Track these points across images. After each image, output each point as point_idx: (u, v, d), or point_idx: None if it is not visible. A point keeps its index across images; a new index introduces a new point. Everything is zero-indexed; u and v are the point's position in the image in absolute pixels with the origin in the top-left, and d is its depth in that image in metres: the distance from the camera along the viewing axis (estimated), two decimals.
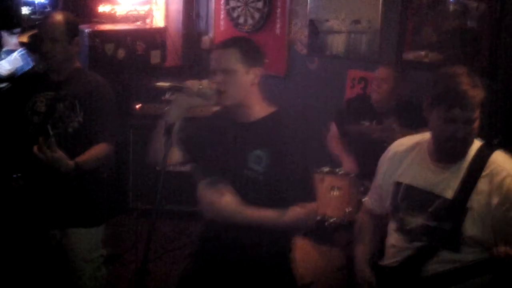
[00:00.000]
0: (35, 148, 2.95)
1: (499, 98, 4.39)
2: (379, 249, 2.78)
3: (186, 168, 5.14)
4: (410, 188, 2.59)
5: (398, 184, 2.64)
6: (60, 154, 2.97)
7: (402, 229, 2.61)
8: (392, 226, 2.69)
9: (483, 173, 2.42)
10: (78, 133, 3.18)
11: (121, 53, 5.26)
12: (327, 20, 5.29)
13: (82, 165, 3.07)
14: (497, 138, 3.90)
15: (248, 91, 2.62)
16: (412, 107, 4.11)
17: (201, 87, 2.52)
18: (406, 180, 2.61)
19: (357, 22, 5.12)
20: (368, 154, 4.27)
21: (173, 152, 2.69)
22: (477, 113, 2.40)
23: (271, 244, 2.64)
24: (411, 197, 2.58)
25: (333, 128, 4.62)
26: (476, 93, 2.38)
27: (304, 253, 4.02)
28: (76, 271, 3.27)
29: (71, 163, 3.01)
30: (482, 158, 2.45)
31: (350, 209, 4.03)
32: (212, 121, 2.78)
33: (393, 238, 2.65)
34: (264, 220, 2.53)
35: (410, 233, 2.56)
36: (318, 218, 4.01)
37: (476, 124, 2.42)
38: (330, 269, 4.07)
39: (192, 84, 2.53)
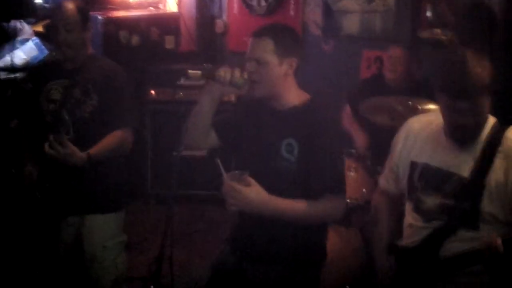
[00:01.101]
0: (46, 147, 2.98)
1: None
2: (397, 230, 2.76)
3: (202, 152, 5.23)
4: (426, 168, 2.56)
5: (414, 164, 2.61)
6: (72, 149, 2.98)
7: (419, 209, 2.58)
8: (409, 205, 2.66)
9: (499, 150, 2.39)
10: (94, 118, 3.18)
11: (135, 40, 5.28)
12: (341, 0, 5.25)
13: (96, 156, 3.08)
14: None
15: (281, 82, 2.57)
16: (427, 86, 4.07)
17: (233, 76, 2.49)
18: (422, 159, 2.58)
19: (370, 1, 5.07)
20: (381, 135, 4.28)
21: (209, 135, 2.71)
22: (483, 98, 2.34)
23: (307, 233, 2.63)
24: (427, 177, 2.55)
25: (347, 109, 4.60)
26: (482, 77, 2.31)
27: None
28: (96, 258, 3.26)
29: (84, 156, 3.03)
30: (497, 135, 2.42)
31: (367, 189, 4.03)
32: (247, 106, 2.75)
33: (411, 217, 2.63)
34: (291, 212, 2.52)
35: (428, 212, 2.54)
36: None
37: (485, 106, 2.37)
38: (348, 250, 4.08)
39: (225, 72, 2.49)
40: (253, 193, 2.46)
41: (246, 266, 2.69)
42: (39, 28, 5.25)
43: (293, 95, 2.63)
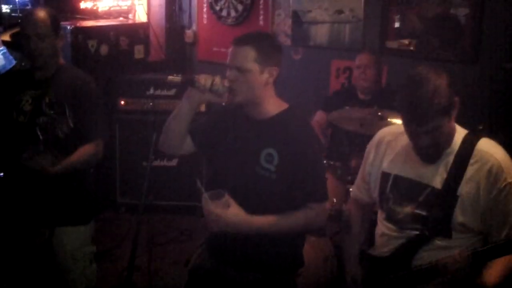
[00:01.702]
0: (25, 156, 2.96)
1: (482, 84, 4.43)
2: (369, 238, 2.78)
3: (172, 163, 5.20)
4: (398, 179, 2.57)
5: (385, 175, 2.62)
6: (46, 160, 2.98)
7: (392, 218, 2.60)
8: (381, 215, 2.68)
9: (471, 161, 2.41)
10: (68, 136, 3.15)
11: (104, 49, 5.24)
12: (310, 11, 5.29)
13: (68, 168, 3.07)
14: (481, 124, 3.94)
15: (261, 91, 2.56)
16: (394, 95, 4.12)
17: (214, 83, 2.49)
18: (393, 170, 2.59)
19: (340, 12, 5.12)
20: (353, 144, 4.32)
21: (184, 142, 2.70)
22: (439, 120, 2.33)
23: (284, 240, 2.63)
24: (399, 188, 2.57)
25: (319, 114, 4.63)
26: (438, 101, 2.29)
27: None
28: (66, 269, 3.24)
29: (57, 169, 3.01)
30: (468, 146, 2.43)
31: (337, 199, 4.04)
32: (225, 115, 2.74)
33: (383, 226, 2.64)
34: (275, 227, 2.52)
35: (401, 221, 2.56)
36: None
37: (447, 125, 2.38)
38: (319, 259, 4.07)
39: (205, 79, 2.49)
40: (233, 216, 2.46)
41: (223, 271, 2.69)
42: (6, 38, 5.17)
43: (272, 104, 2.62)
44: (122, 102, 5.42)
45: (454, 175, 2.42)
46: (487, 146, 2.44)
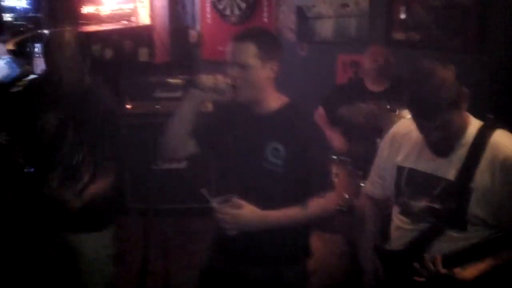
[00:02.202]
0: (45, 187, 2.99)
1: (488, 73, 4.37)
2: (383, 233, 2.74)
3: (182, 165, 5.17)
4: (413, 172, 2.55)
5: (400, 169, 2.60)
6: (68, 193, 2.99)
7: (406, 212, 2.58)
8: (396, 209, 2.66)
9: (485, 153, 2.37)
10: (87, 161, 3.13)
11: (108, 53, 5.23)
12: (314, 5, 5.25)
13: (89, 200, 3.08)
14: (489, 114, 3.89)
15: (264, 86, 2.57)
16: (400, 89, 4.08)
17: (215, 82, 2.47)
18: (408, 164, 2.57)
19: (344, 5, 5.08)
20: (361, 138, 4.27)
21: (188, 143, 2.68)
22: (448, 115, 2.30)
23: (292, 232, 2.63)
24: (414, 181, 2.54)
25: (320, 111, 4.59)
26: (445, 95, 2.27)
27: None
28: (87, 272, 3.27)
29: (79, 204, 3.03)
30: (483, 138, 2.39)
31: (349, 195, 4.00)
32: (226, 112, 2.71)
33: (398, 220, 2.62)
34: (288, 220, 2.53)
35: (415, 215, 2.53)
36: None
37: (458, 119, 2.35)
38: (333, 256, 4.04)
39: (207, 79, 2.48)
40: (249, 213, 2.46)
41: (233, 269, 2.69)
42: (11, 46, 5.16)
43: (274, 99, 2.62)
44: (129, 106, 5.39)
45: (467, 168, 2.38)
46: (502, 138, 2.40)
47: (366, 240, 2.76)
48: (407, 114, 2.79)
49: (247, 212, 2.45)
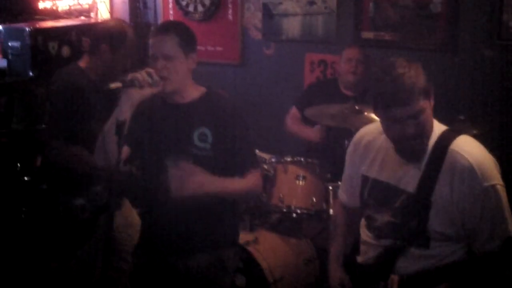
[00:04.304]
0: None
1: (461, 72, 4.34)
2: (355, 244, 2.65)
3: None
4: (376, 183, 2.44)
5: (365, 178, 2.49)
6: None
7: (370, 226, 2.48)
8: (363, 222, 2.56)
9: (444, 164, 2.24)
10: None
11: (66, 50, 5.00)
12: (281, 3, 5.12)
13: None
14: (462, 115, 3.83)
15: (187, 76, 2.70)
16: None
17: (151, 76, 2.53)
18: (372, 174, 2.45)
19: (312, 3, 4.97)
20: (329, 140, 4.17)
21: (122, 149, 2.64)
22: (422, 103, 2.20)
23: (218, 218, 2.78)
24: (377, 192, 2.43)
25: (293, 110, 4.50)
26: (415, 81, 2.18)
27: (273, 247, 3.90)
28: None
29: None
30: (442, 147, 2.26)
31: (316, 198, 3.88)
32: (143, 106, 2.66)
33: (364, 234, 2.53)
34: (232, 188, 2.71)
35: (378, 230, 2.43)
36: (284, 210, 3.88)
37: (426, 113, 2.23)
38: (301, 262, 3.94)
39: (142, 76, 2.52)
40: (199, 173, 2.57)
41: (167, 261, 2.78)
42: None
43: (193, 89, 2.76)
44: None
45: (426, 179, 2.26)
46: (462, 146, 2.26)
47: (335, 250, 2.66)
48: (375, 116, 2.67)
49: (197, 171, 2.57)
